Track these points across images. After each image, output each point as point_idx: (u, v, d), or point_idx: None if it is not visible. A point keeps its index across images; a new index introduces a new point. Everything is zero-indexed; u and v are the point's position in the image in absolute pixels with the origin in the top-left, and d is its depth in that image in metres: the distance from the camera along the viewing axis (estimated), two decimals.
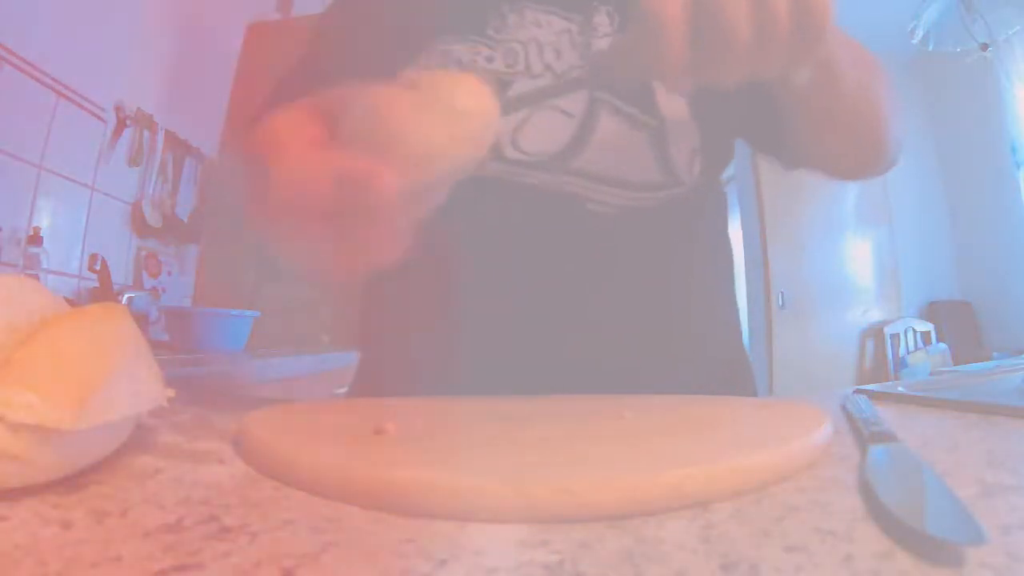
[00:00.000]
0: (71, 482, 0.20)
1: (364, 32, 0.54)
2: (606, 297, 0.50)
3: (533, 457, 0.23)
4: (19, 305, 0.22)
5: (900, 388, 0.42)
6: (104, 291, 1.48)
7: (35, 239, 1.38)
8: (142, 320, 1.48)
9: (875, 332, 2.83)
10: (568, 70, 0.50)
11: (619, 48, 0.34)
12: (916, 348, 2.80)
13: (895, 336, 2.80)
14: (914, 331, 2.84)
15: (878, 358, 2.82)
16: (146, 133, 1.78)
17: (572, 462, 0.22)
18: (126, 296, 1.59)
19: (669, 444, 0.25)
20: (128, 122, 1.71)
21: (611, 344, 0.48)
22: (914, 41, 2.18)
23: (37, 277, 1.29)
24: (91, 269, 1.53)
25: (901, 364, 2.73)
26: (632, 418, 0.30)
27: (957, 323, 2.90)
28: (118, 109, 1.68)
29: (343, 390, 0.76)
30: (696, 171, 0.51)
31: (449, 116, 0.26)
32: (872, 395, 0.41)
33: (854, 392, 0.43)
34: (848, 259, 2.93)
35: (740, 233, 2.79)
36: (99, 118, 1.62)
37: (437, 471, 0.19)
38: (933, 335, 2.85)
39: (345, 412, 0.35)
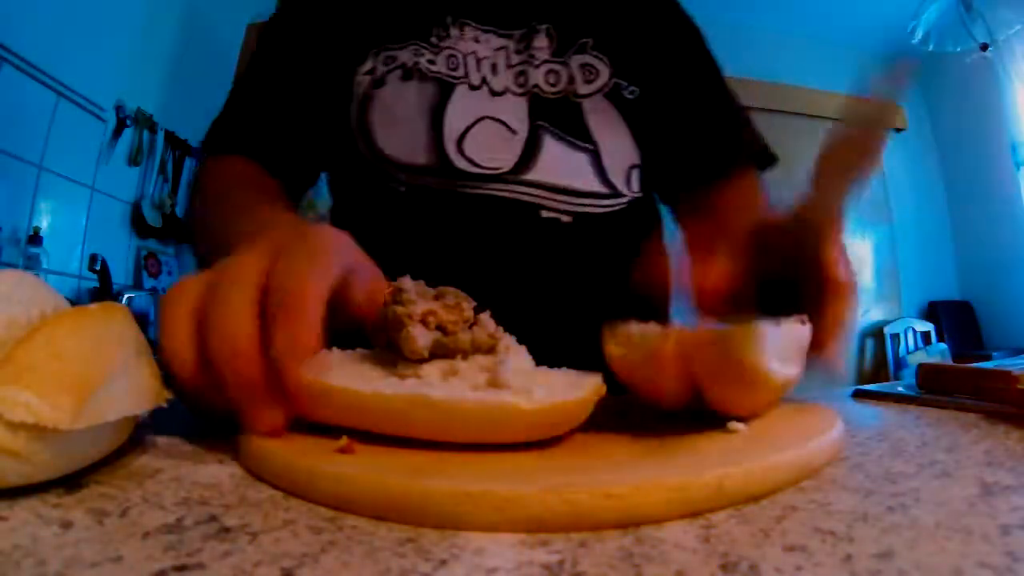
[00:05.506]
0: (71, 482, 0.20)
1: (311, 39, 0.57)
2: (563, 300, 0.53)
3: (529, 462, 0.22)
4: (19, 301, 0.22)
5: (900, 388, 0.42)
6: (104, 291, 1.48)
7: (35, 239, 1.38)
8: (142, 320, 1.47)
9: (875, 332, 2.83)
10: (503, 90, 0.54)
11: None
12: (916, 348, 2.80)
13: (895, 336, 2.80)
14: (914, 331, 2.84)
15: (878, 358, 2.81)
16: (146, 133, 1.78)
17: (572, 469, 0.22)
18: (126, 296, 1.59)
19: (677, 445, 0.25)
20: (128, 122, 1.71)
21: (571, 345, 0.48)
22: (914, 41, 2.18)
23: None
24: (91, 269, 1.53)
25: (901, 364, 2.73)
26: (633, 418, 0.30)
27: (957, 323, 2.90)
28: (118, 109, 1.68)
29: None
30: (635, 186, 0.56)
31: None
32: (872, 395, 0.41)
33: (854, 392, 0.43)
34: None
35: None
36: (99, 118, 1.62)
37: (434, 479, 0.19)
38: (933, 335, 2.85)
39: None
